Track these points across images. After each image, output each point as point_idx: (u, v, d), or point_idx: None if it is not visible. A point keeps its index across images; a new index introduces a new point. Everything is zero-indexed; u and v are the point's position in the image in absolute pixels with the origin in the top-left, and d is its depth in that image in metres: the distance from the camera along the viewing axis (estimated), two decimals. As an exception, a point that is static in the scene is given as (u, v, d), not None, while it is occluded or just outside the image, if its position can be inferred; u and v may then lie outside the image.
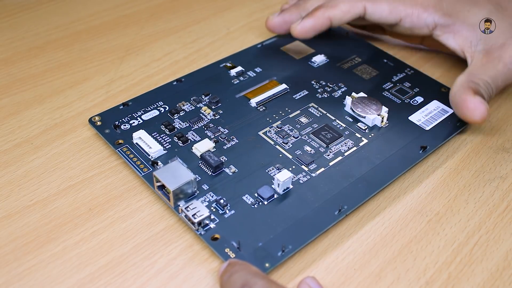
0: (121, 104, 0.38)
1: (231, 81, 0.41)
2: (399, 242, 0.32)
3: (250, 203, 0.32)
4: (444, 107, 0.40)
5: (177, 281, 0.29)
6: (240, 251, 0.30)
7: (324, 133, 0.37)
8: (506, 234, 0.32)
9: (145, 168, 0.34)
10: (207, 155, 0.34)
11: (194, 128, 0.37)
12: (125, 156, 0.35)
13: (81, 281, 0.29)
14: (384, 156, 0.36)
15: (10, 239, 0.31)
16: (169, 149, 0.35)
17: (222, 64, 0.43)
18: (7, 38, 0.47)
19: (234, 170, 0.34)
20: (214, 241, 0.30)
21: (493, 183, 0.36)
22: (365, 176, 0.34)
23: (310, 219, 0.31)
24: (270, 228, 0.31)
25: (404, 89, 0.41)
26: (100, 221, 0.32)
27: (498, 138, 0.39)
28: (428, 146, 0.36)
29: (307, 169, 0.34)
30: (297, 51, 0.45)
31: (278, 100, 0.40)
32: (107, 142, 0.36)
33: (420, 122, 0.38)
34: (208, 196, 0.32)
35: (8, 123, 0.38)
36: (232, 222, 0.31)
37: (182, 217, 0.31)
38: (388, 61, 0.44)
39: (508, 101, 0.42)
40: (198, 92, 0.40)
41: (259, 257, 0.29)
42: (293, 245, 0.30)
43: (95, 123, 0.37)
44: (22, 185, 0.34)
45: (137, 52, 0.46)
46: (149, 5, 0.52)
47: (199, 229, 0.31)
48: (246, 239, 0.30)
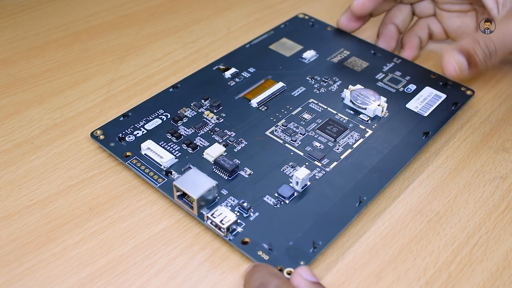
0: (121, 116, 0.37)
1: (227, 83, 0.41)
2: (399, 242, 0.32)
3: (272, 203, 0.32)
4: (437, 92, 0.41)
5: (177, 281, 0.29)
6: (273, 252, 0.30)
7: (330, 127, 0.37)
8: (506, 234, 0.32)
9: (160, 179, 0.33)
10: (221, 160, 0.34)
11: (200, 133, 0.36)
12: (137, 168, 0.34)
13: (81, 281, 0.29)
14: (390, 145, 0.36)
15: (10, 239, 0.31)
16: (180, 157, 0.35)
17: (214, 67, 0.42)
18: (7, 38, 0.47)
19: (250, 172, 0.34)
20: (245, 245, 0.30)
21: (493, 183, 0.36)
22: (377, 166, 0.35)
23: (333, 213, 0.32)
24: (297, 226, 0.31)
25: (396, 78, 0.42)
26: (100, 221, 0.32)
27: (498, 138, 0.39)
28: (430, 132, 0.37)
29: (320, 164, 0.35)
30: (286, 48, 0.45)
31: (277, 98, 0.40)
32: (114, 155, 0.35)
33: (418, 109, 0.39)
34: (229, 201, 0.32)
35: (8, 123, 0.38)
36: (258, 224, 0.31)
37: (208, 224, 0.31)
38: (376, 52, 0.45)
39: (508, 101, 0.42)
40: (196, 97, 0.39)
41: (293, 256, 0.30)
42: (323, 241, 0.30)
43: (97, 137, 0.36)
44: (22, 185, 0.34)
45: (137, 52, 0.46)
46: (149, 5, 0.52)
47: (227, 234, 0.30)
48: (275, 239, 0.30)
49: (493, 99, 0.42)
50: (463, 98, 0.41)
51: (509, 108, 0.42)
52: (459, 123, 0.40)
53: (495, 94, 0.43)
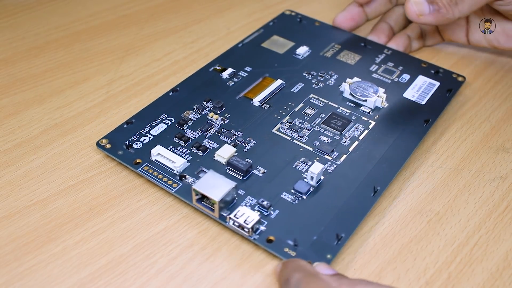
0: (124, 123, 0.37)
1: (226, 84, 0.41)
2: (399, 242, 0.32)
3: (290, 200, 0.33)
4: (430, 80, 0.42)
5: (177, 281, 0.29)
6: (299, 248, 0.30)
7: (334, 121, 0.38)
8: (506, 234, 0.32)
9: (175, 184, 0.33)
10: (234, 161, 0.34)
11: (208, 135, 0.36)
12: (149, 175, 0.33)
13: (81, 281, 0.29)
14: (395, 134, 0.37)
15: (10, 239, 0.31)
16: (191, 160, 0.35)
17: (211, 68, 0.42)
18: (7, 38, 0.47)
19: (263, 170, 0.34)
20: (270, 243, 0.30)
21: (493, 183, 0.36)
22: (385, 156, 0.35)
23: (351, 205, 0.32)
24: (318, 220, 0.31)
25: (389, 69, 0.43)
26: (100, 221, 0.32)
27: (498, 138, 0.39)
28: (430, 119, 0.38)
29: (331, 158, 0.35)
30: (278, 46, 0.45)
31: (278, 96, 0.40)
32: (124, 163, 0.34)
33: (415, 97, 0.40)
34: (248, 201, 0.32)
35: (8, 123, 0.38)
36: (280, 222, 0.31)
37: (230, 225, 0.31)
38: (366, 44, 0.46)
39: (508, 101, 0.42)
40: (198, 99, 0.39)
41: (318, 249, 0.30)
42: (346, 233, 0.31)
43: (104, 146, 0.35)
44: (22, 185, 0.34)
45: (137, 52, 0.46)
46: (149, 5, 0.52)
47: (252, 234, 0.30)
48: (299, 235, 0.31)
49: (493, 99, 0.42)
50: (456, 84, 0.42)
51: (509, 108, 0.42)
52: (459, 123, 0.40)
53: (495, 94, 0.43)
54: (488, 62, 0.46)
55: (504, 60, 0.46)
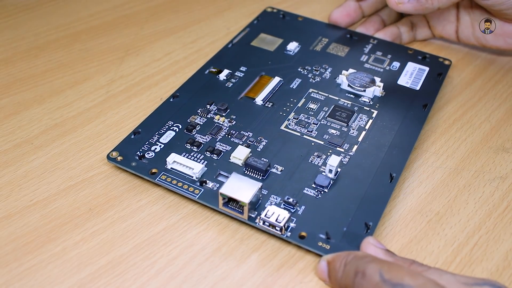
0: (132, 133, 0.36)
1: (224, 85, 0.41)
2: (399, 242, 0.32)
3: (313, 194, 0.33)
4: (420, 66, 0.43)
5: (177, 281, 0.29)
6: (331, 240, 0.30)
7: (338, 113, 0.38)
8: (506, 234, 0.32)
9: (197, 190, 0.33)
10: (252, 161, 0.34)
11: (218, 138, 0.36)
12: (168, 184, 0.33)
13: (81, 281, 0.29)
14: (398, 121, 0.38)
15: (10, 239, 0.31)
16: (207, 165, 0.34)
17: (206, 71, 0.42)
18: (7, 38, 0.47)
19: (281, 168, 0.34)
20: (303, 239, 0.30)
21: (493, 183, 0.36)
22: (394, 142, 0.36)
23: (372, 193, 0.33)
24: (344, 212, 0.32)
25: (379, 58, 0.44)
26: (100, 221, 0.32)
27: (498, 138, 0.39)
28: (428, 103, 0.39)
29: (343, 150, 0.36)
30: (267, 43, 0.45)
31: (279, 93, 0.40)
32: (140, 175, 0.34)
33: (409, 84, 0.42)
34: (273, 199, 0.32)
35: (8, 123, 0.38)
36: (308, 217, 0.32)
37: (260, 226, 0.31)
38: (352, 36, 0.47)
39: (508, 101, 0.42)
40: (200, 103, 0.39)
41: (350, 240, 0.30)
42: (373, 221, 0.31)
43: (115, 159, 0.34)
44: (22, 185, 0.34)
45: (137, 52, 0.46)
46: (149, 5, 0.52)
47: (284, 232, 0.31)
48: (329, 228, 0.31)
49: (493, 99, 0.42)
50: (444, 68, 0.43)
51: (509, 108, 0.42)
52: (459, 123, 0.40)
53: (495, 94, 0.43)
54: (488, 62, 0.46)
55: (504, 60, 0.46)
